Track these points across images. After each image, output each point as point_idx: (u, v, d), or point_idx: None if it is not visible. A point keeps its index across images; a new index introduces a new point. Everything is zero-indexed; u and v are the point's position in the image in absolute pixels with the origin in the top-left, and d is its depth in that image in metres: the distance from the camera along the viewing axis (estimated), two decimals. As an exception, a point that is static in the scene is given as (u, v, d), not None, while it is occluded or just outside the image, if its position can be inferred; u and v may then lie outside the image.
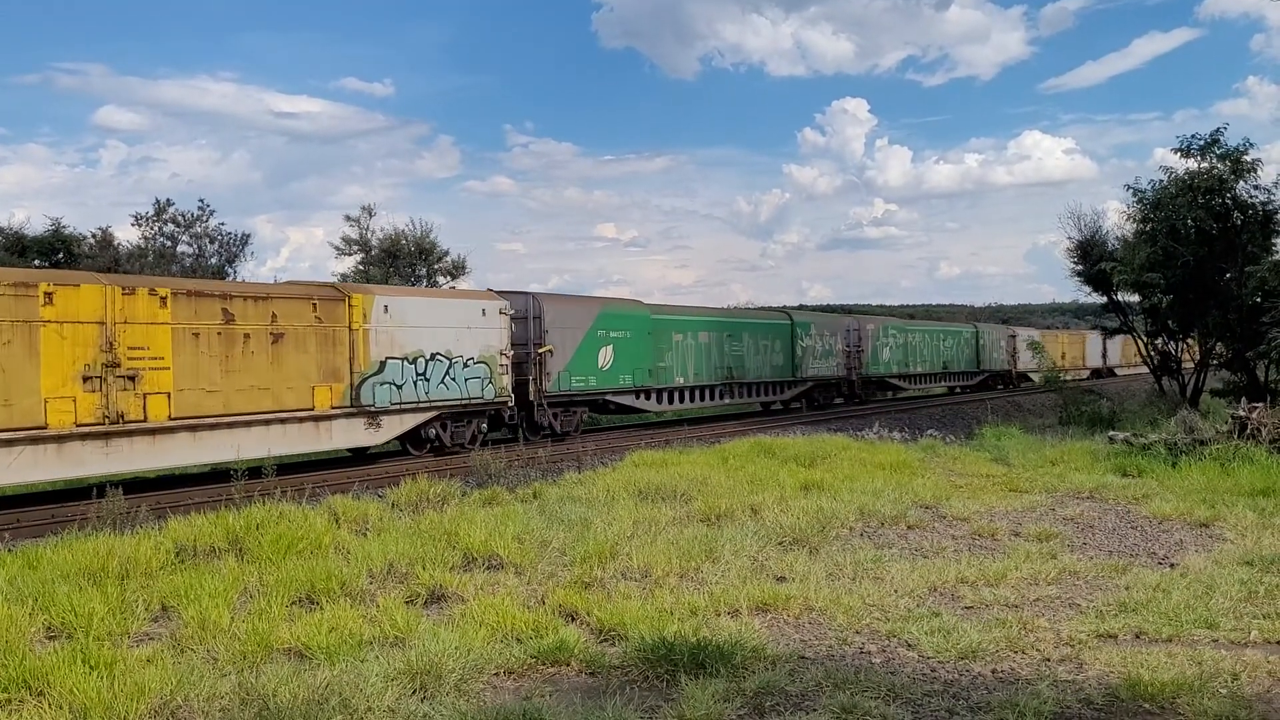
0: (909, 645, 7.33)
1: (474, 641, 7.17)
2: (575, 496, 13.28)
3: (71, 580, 8.56)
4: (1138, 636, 7.51)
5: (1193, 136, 25.77)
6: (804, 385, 34.42)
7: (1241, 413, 17.43)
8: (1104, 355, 64.60)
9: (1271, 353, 23.98)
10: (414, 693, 6.32)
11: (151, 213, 43.12)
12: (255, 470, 15.03)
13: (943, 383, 45.09)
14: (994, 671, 6.77)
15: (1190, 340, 29.81)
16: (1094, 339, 62.86)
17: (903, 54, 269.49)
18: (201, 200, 63.26)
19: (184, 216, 43.66)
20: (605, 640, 7.51)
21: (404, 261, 45.31)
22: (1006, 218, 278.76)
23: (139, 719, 5.89)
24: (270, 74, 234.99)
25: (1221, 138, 25.38)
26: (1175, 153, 26.01)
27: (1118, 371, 67.57)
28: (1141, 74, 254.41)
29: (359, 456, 20.12)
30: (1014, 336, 52.19)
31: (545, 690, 6.47)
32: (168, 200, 43.64)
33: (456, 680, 6.48)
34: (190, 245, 43.77)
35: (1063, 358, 54.95)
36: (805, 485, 14.20)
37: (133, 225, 43.31)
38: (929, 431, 23.90)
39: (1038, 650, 7.19)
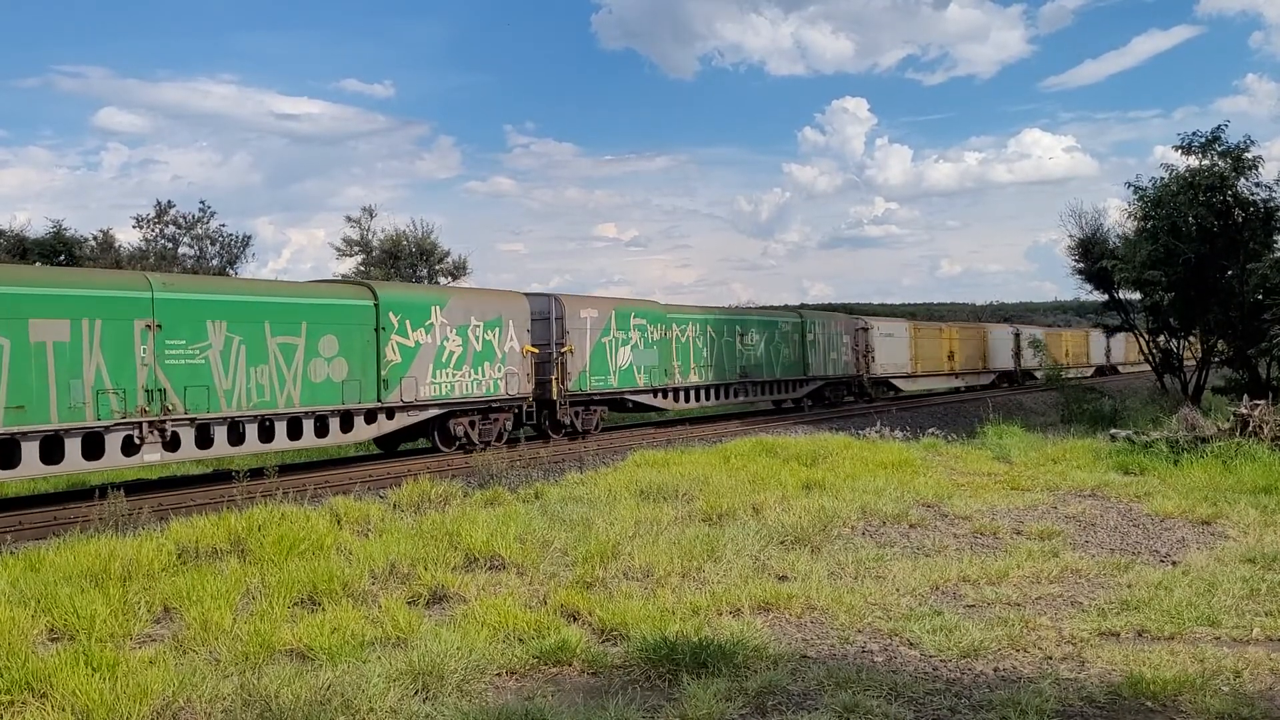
0: (911, 644, 7.33)
1: (476, 642, 7.17)
2: (577, 496, 13.28)
3: (74, 582, 8.56)
4: (1140, 634, 7.51)
5: (1194, 134, 25.84)
6: (417, 414, 19.09)
7: (1243, 410, 17.41)
8: (1016, 356, 49.17)
9: (1273, 350, 23.98)
10: (416, 693, 6.32)
11: (153, 215, 43.30)
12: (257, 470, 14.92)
13: (741, 396, 30.35)
14: (996, 670, 6.77)
15: (1192, 338, 29.80)
16: (1001, 335, 48.92)
17: (902, 53, 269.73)
18: (202, 202, 63.59)
19: (185, 218, 43.85)
20: (607, 640, 7.52)
21: (405, 262, 45.38)
22: (1007, 215, 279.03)
23: (142, 720, 5.90)
24: (270, 75, 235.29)
25: (1223, 135, 25.41)
26: (1176, 150, 26.08)
27: (1040, 376, 49.55)
28: (1141, 71, 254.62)
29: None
30: (865, 330, 37.60)
31: (547, 690, 6.47)
32: (169, 202, 43.85)
33: (459, 681, 6.48)
34: (191, 247, 43.95)
35: (950, 359, 42.92)
36: (807, 484, 14.19)
37: (134, 227, 43.52)
38: (930, 430, 23.90)
39: (1040, 648, 7.19)
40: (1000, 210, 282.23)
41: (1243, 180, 25.13)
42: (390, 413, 18.59)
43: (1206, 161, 25.36)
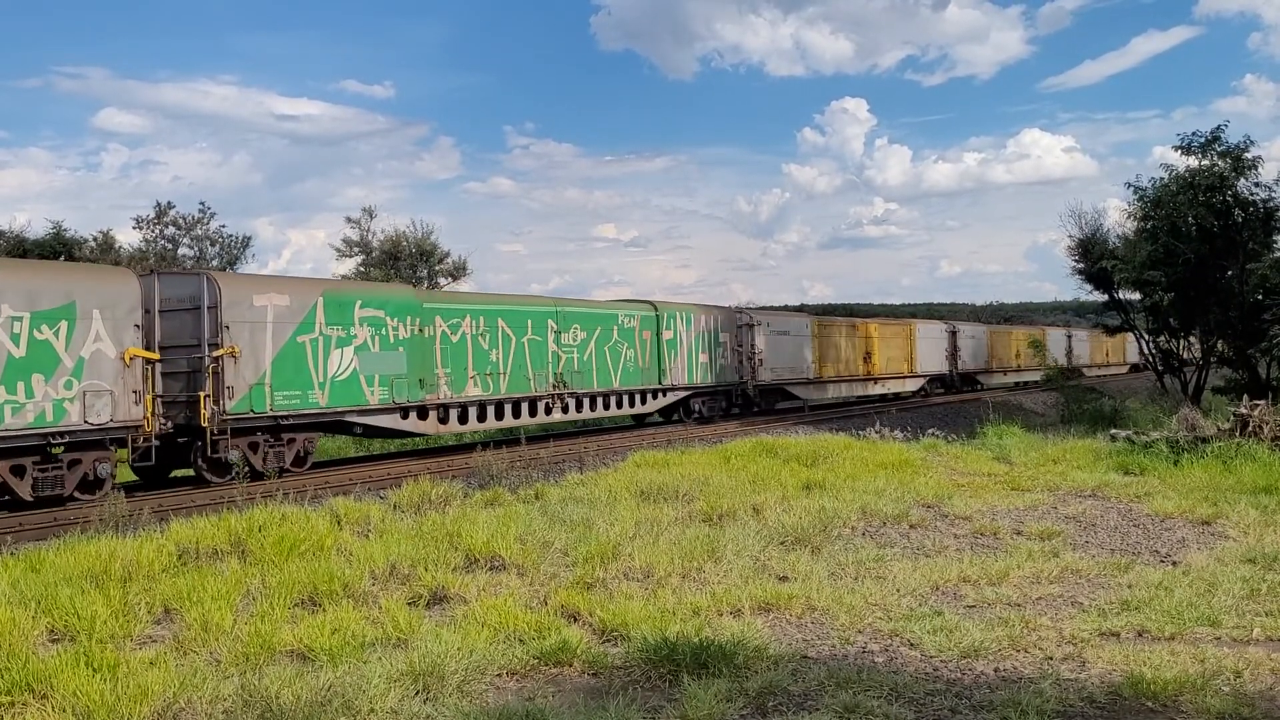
0: (911, 644, 7.33)
1: (476, 642, 7.17)
2: (577, 497, 13.27)
3: (74, 583, 8.55)
4: (1140, 634, 7.51)
5: (1194, 134, 25.86)
6: None
7: (1243, 410, 17.41)
8: (953, 357, 43.40)
9: (1273, 350, 24.01)
10: (417, 694, 6.32)
11: (152, 215, 43.35)
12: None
13: (556, 413, 23.22)
14: (996, 670, 6.77)
15: (1192, 338, 29.83)
16: (932, 334, 42.21)
17: (902, 54, 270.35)
18: (202, 203, 63.70)
19: (185, 219, 43.87)
20: (608, 640, 7.52)
21: (405, 263, 45.37)
22: (1006, 216, 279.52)
23: (142, 721, 5.90)
24: (271, 76, 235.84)
25: (1222, 135, 25.41)
26: (1176, 150, 26.10)
27: (985, 380, 45.83)
28: (1140, 72, 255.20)
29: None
30: (751, 326, 30.66)
31: (548, 691, 6.48)
32: (169, 203, 43.89)
33: (459, 681, 6.48)
34: (191, 248, 43.95)
35: (866, 361, 37.17)
36: (807, 484, 14.18)
37: (134, 228, 43.56)
38: (930, 430, 23.87)
39: (1040, 649, 7.19)
40: (1000, 210, 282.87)
41: (1242, 180, 25.14)
42: None
43: (1206, 162, 25.37)
